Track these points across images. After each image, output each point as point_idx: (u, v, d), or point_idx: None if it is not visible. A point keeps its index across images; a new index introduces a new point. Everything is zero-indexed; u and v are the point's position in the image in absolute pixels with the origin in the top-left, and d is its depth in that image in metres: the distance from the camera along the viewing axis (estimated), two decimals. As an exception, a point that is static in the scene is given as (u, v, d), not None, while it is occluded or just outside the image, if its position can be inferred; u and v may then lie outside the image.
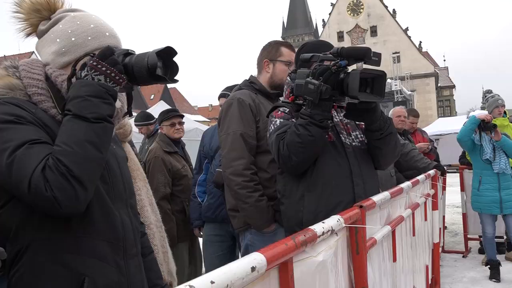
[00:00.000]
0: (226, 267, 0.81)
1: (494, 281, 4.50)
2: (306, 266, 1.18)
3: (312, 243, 1.17)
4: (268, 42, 2.64)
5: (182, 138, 4.00)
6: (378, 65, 1.73)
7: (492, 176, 4.57)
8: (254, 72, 2.67)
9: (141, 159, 3.50)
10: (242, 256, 1.02)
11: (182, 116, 3.98)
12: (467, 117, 4.94)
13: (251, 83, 2.58)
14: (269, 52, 2.57)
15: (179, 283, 2.49)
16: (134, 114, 4.36)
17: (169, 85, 50.22)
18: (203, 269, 3.76)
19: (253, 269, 0.85)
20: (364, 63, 1.73)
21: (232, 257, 3.21)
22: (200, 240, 3.52)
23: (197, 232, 3.52)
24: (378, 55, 1.72)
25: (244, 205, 2.29)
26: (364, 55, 1.68)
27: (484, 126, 4.43)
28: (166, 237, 2.36)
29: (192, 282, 0.72)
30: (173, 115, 3.89)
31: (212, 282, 0.74)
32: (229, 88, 3.37)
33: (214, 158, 3.20)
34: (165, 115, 3.90)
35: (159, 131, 4.04)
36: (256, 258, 0.89)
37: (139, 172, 2.28)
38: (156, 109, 13.85)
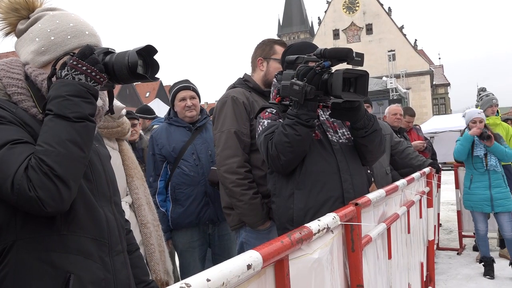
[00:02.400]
0: (222, 265, 0.81)
1: (488, 278, 4.54)
2: (301, 263, 1.18)
3: (307, 240, 1.18)
4: (262, 40, 2.64)
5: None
6: (361, 65, 1.78)
7: (483, 175, 4.62)
8: (249, 70, 2.67)
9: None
10: (238, 254, 1.02)
11: (137, 118, 3.98)
12: (463, 116, 4.97)
13: (245, 81, 2.58)
14: (263, 50, 2.57)
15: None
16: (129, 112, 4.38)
17: (164, 83, 50.05)
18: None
19: (249, 266, 0.85)
20: (347, 63, 1.77)
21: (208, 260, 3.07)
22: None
23: (168, 245, 2.98)
24: (361, 55, 1.77)
25: (239, 202, 2.30)
26: (346, 55, 1.73)
27: (480, 137, 4.50)
28: (162, 236, 2.35)
29: (188, 280, 0.72)
30: (128, 117, 3.87)
31: (208, 280, 0.74)
32: None
33: (182, 159, 2.96)
34: None
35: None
36: (252, 256, 0.89)
37: (137, 171, 2.27)
38: (151, 106, 13.87)
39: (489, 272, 4.61)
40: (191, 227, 2.96)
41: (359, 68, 1.77)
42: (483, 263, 4.72)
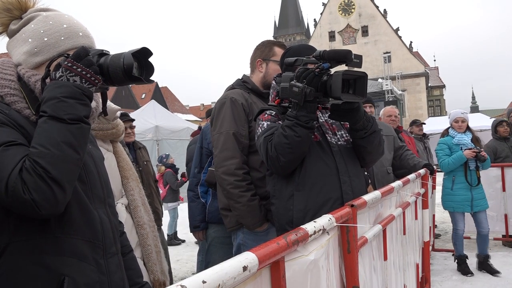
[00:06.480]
0: (218, 266, 0.81)
1: (469, 276, 4.63)
2: (297, 265, 1.18)
3: (303, 242, 1.18)
4: (262, 42, 2.64)
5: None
6: (360, 66, 1.79)
7: (465, 176, 4.72)
8: (247, 72, 2.67)
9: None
10: (234, 255, 1.02)
11: (133, 120, 4.04)
12: (448, 117, 5.06)
13: (244, 82, 2.58)
14: (262, 52, 2.57)
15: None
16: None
17: (160, 84, 50.03)
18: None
19: (244, 268, 0.85)
20: (346, 65, 1.79)
21: None
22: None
23: (202, 235, 3.15)
24: (360, 57, 1.78)
25: (236, 204, 2.29)
26: (345, 57, 1.75)
27: (476, 158, 4.63)
28: (158, 237, 2.35)
29: (184, 281, 0.72)
30: (124, 119, 3.92)
31: (204, 282, 0.74)
32: None
33: None
34: None
35: None
36: (248, 258, 0.89)
37: (132, 172, 2.27)
38: (147, 108, 13.83)
39: (465, 269, 4.74)
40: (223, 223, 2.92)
41: (358, 69, 1.78)
42: (457, 261, 4.87)
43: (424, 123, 7.31)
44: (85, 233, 1.19)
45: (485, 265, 4.78)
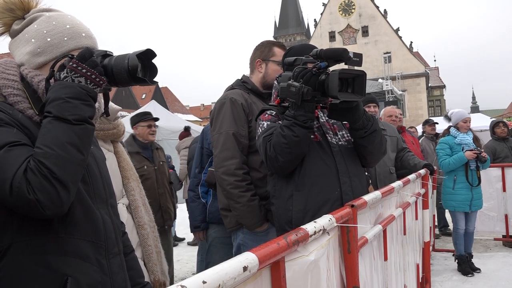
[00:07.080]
0: (218, 266, 0.81)
1: (470, 276, 4.63)
2: (298, 265, 1.18)
3: (304, 242, 1.18)
4: (261, 42, 2.64)
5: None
6: (360, 65, 1.79)
7: (465, 176, 4.75)
8: (247, 72, 2.67)
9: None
10: (234, 255, 1.02)
11: (157, 119, 4.24)
12: (449, 115, 5.03)
13: (243, 83, 2.58)
14: (262, 52, 2.57)
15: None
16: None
17: (161, 85, 50.02)
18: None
19: (245, 268, 0.85)
20: (345, 63, 1.78)
21: None
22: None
23: (202, 235, 3.17)
24: (359, 56, 1.77)
25: (236, 204, 2.29)
26: (341, 55, 1.74)
27: (477, 158, 4.66)
28: (158, 237, 2.35)
29: (184, 282, 0.72)
30: (151, 117, 4.15)
31: (204, 282, 0.74)
32: None
33: None
34: (143, 116, 4.15)
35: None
36: (248, 258, 0.89)
37: (132, 172, 2.27)
38: (148, 108, 13.85)
39: (466, 269, 4.75)
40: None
41: (357, 68, 1.78)
42: (457, 261, 4.88)
43: (437, 123, 7.25)
44: (88, 233, 1.19)
45: (468, 263, 4.84)
